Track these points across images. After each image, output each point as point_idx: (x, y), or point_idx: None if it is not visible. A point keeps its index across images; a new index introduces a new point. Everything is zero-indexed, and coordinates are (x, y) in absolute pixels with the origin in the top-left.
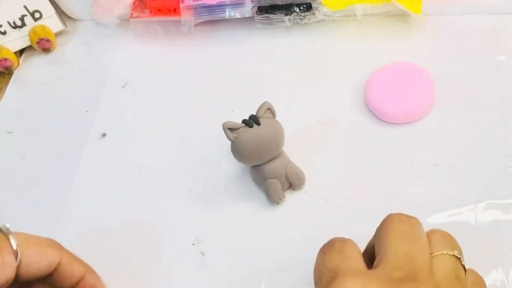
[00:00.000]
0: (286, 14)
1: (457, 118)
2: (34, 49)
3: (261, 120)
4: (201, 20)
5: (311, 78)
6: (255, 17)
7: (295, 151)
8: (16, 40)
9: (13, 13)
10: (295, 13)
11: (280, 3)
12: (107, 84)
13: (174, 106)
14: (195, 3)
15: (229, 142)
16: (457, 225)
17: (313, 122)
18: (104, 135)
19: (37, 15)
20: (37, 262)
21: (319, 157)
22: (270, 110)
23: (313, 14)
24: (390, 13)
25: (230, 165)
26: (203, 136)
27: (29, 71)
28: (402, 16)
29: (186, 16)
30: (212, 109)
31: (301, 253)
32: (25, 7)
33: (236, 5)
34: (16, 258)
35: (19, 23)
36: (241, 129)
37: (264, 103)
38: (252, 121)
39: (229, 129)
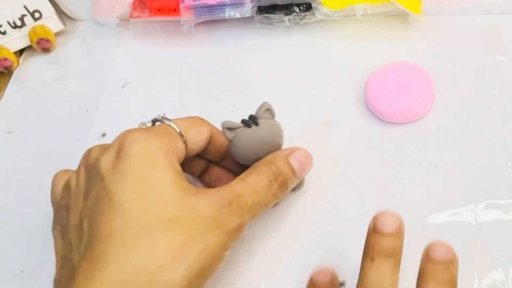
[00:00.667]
0: (286, 14)
1: (457, 118)
2: (34, 49)
3: (259, 121)
4: (201, 20)
5: (311, 78)
6: (255, 17)
7: None
8: (16, 40)
9: (13, 13)
10: (295, 13)
11: (280, 3)
12: (107, 84)
13: (174, 106)
14: (195, 3)
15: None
16: (457, 225)
17: (313, 122)
18: (104, 135)
19: (37, 15)
20: (198, 141)
21: (319, 157)
22: (270, 110)
23: (313, 14)
24: (390, 13)
25: None
26: None
27: (29, 71)
28: (402, 16)
29: (186, 16)
30: (212, 109)
31: (301, 253)
32: (25, 7)
33: (236, 5)
34: (183, 141)
35: (19, 23)
36: (239, 129)
37: (263, 104)
38: (251, 121)
39: (228, 128)
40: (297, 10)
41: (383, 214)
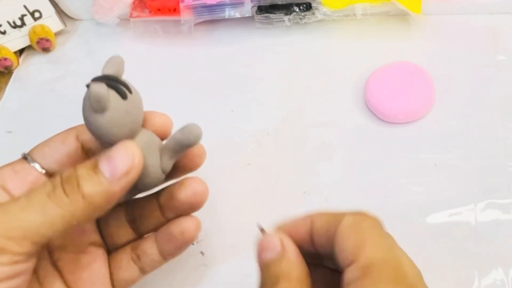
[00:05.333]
0: (286, 14)
1: (457, 118)
2: (34, 49)
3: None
4: (201, 20)
5: (311, 78)
6: (255, 17)
7: (295, 151)
8: (16, 39)
9: (13, 13)
10: (294, 13)
11: (280, 3)
12: None
13: (173, 106)
14: (195, 2)
15: (229, 139)
16: (457, 225)
17: (313, 122)
18: None
19: (37, 14)
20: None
21: (319, 157)
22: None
23: (313, 13)
24: (390, 13)
25: (230, 165)
26: (202, 135)
27: (29, 70)
28: (402, 16)
29: (186, 16)
30: (211, 109)
31: None
32: (25, 6)
33: (236, 4)
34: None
35: (19, 22)
36: (112, 100)
37: (114, 58)
38: (125, 90)
39: (97, 99)
40: (297, 10)
41: (261, 241)
